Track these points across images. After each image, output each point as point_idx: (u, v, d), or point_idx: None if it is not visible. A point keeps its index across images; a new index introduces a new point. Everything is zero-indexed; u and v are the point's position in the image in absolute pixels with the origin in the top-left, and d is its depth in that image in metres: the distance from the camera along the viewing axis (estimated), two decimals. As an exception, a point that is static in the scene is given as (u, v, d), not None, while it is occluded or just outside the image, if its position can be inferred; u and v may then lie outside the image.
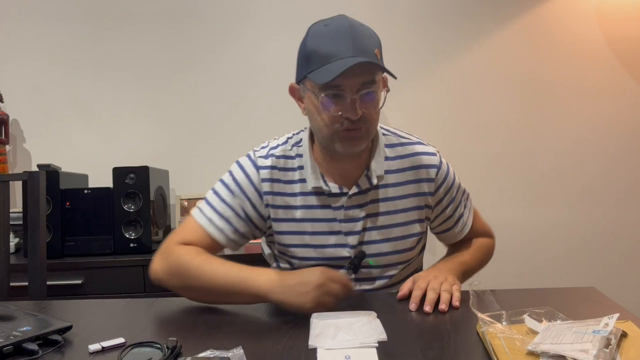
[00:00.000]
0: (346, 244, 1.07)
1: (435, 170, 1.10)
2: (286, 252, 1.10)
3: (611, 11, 2.26)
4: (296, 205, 1.07)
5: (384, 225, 1.08)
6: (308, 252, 1.07)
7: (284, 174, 1.08)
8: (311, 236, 1.07)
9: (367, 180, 1.06)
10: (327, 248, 1.07)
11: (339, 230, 1.06)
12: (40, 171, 1.33)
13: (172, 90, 2.30)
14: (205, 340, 0.82)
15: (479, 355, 0.73)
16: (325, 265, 1.01)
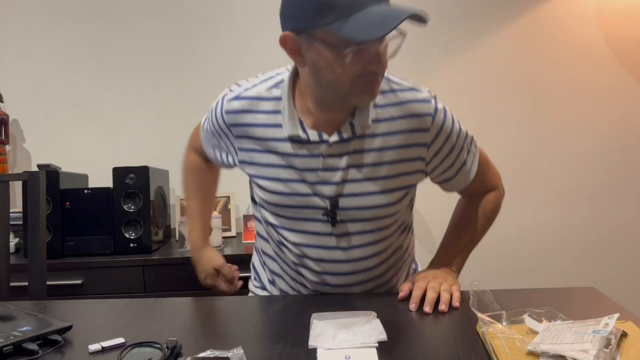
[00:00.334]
0: (322, 194, 0.99)
1: (430, 119, 0.98)
2: (262, 197, 1.05)
3: (611, 11, 2.26)
4: (270, 151, 1.01)
5: (367, 177, 0.99)
6: (283, 199, 1.01)
7: (255, 116, 1.01)
8: (285, 183, 1.00)
9: (350, 129, 0.97)
10: (302, 197, 1.00)
11: (315, 179, 0.99)
12: (40, 171, 1.33)
13: (172, 90, 2.30)
14: (205, 340, 0.82)
15: (479, 355, 0.73)
16: (301, 213, 1.01)
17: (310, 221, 1.02)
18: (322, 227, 1.02)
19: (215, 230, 1.92)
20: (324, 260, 1.04)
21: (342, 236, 1.03)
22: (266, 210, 1.06)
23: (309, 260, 1.05)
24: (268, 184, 1.02)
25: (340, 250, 1.03)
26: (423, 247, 2.29)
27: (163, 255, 1.82)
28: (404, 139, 0.99)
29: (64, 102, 2.30)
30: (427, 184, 1.14)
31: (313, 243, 1.03)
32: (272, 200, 1.03)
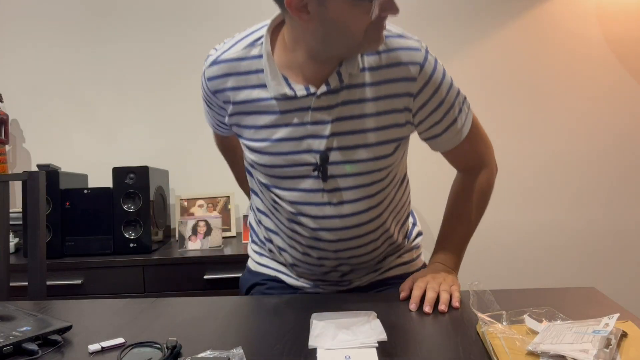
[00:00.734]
0: (312, 149, 0.98)
1: (418, 68, 0.94)
2: (253, 159, 1.04)
3: (611, 11, 2.26)
4: (257, 112, 0.99)
5: (357, 129, 0.96)
6: (273, 159, 1.00)
7: (237, 79, 0.99)
8: (274, 143, 0.99)
9: (337, 78, 0.94)
10: (292, 155, 0.99)
11: (304, 134, 0.97)
12: (40, 171, 1.33)
13: (172, 90, 2.30)
14: (205, 340, 0.82)
15: (479, 355, 0.73)
16: (291, 171, 1.00)
17: (301, 178, 1.01)
18: (313, 184, 1.00)
19: (215, 230, 1.92)
20: (317, 217, 1.02)
21: (333, 192, 1.00)
22: (257, 171, 1.05)
23: (303, 217, 1.03)
24: (257, 145, 1.01)
25: (331, 206, 1.01)
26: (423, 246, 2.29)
27: (163, 255, 1.83)
28: (391, 88, 0.96)
29: (64, 102, 2.30)
30: (427, 182, 1.13)
31: (305, 200, 1.02)
32: (263, 161, 1.01)
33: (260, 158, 1.01)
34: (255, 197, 1.15)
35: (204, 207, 2.17)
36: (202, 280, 1.79)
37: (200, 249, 1.91)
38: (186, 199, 2.18)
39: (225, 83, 1.00)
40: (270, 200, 1.07)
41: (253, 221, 1.23)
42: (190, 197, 2.19)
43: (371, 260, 1.11)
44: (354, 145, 0.97)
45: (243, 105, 1.00)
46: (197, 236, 1.92)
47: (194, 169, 2.31)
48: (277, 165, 1.01)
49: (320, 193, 1.01)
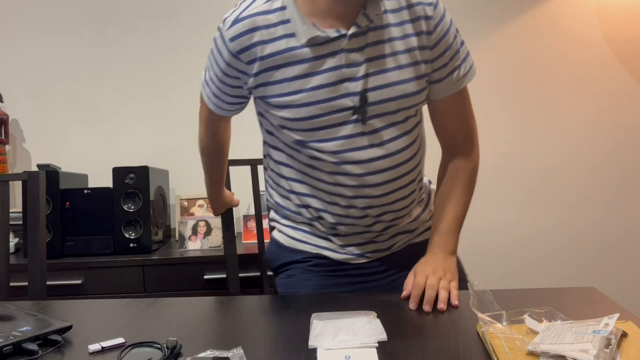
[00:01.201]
0: (349, 92, 0.99)
1: (432, 8, 1.01)
2: (287, 116, 1.01)
3: (611, 11, 2.26)
4: (287, 63, 0.98)
5: (390, 67, 0.99)
6: (310, 110, 0.99)
7: (264, 32, 0.98)
8: (310, 92, 0.98)
9: (365, 18, 0.96)
10: (329, 102, 0.99)
11: (339, 78, 0.98)
12: (40, 171, 1.33)
13: (172, 90, 2.30)
14: (205, 340, 0.82)
15: (479, 355, 0.73)
16: (330, 119, 0.99)
17: (340, 126, 1.00)
18: (353, 129, 1.01)
19: (215, 230, 1.92)
20: (363, 161, 1.02)
21: (375, 133, 1.02)
22: (291, 130, 1.03)
23: (348, 165, 1.02)
24: (290, 98, 1.00)
25: (375, 148, 1.02)
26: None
27: (163, 255, 1.83)
28: (412, 27, 1.00)
29: (64, 102, 2.30)
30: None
31: (348, 147, 1.01)
32: (298, 115, 1.00)
33: (296, 112, 1.00)
34: (284, 167, 1.12)
35: (204, 207, 2.17)
36: (202, 280, 1.79)
37: (200, 249, 1.91)
38: (186, 199, 2.18)
39: (252, 39, 0.99)
40: (307, 159, 1.05)
41: (278, 196, 1.18)
42: (190, 197, 2.19)
43: (408, 207, 1.11)
44: (389, 83, 1.00)
45: (272, 59, 0.99)
46: (197, 236, 1.92)
47: (194, 169, 2.31)
48: (315, 116, 1.00)
49: (362, 136, 1.01)
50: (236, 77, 1.05)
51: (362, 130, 1.01)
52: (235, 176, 2.26)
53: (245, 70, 1.02)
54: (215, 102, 1.14)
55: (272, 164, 1.16)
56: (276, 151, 1.12)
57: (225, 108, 1.14)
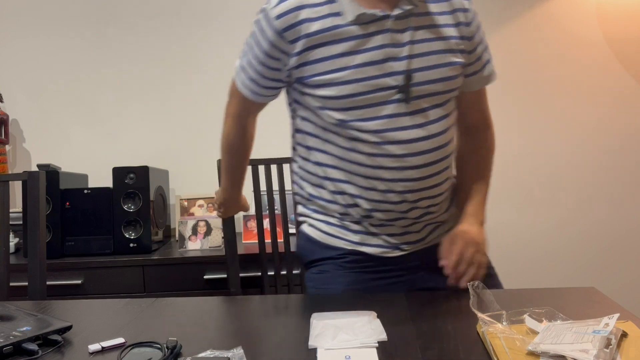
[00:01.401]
0: (393, 71, 1.01)
1: (469, 1, 1.08)
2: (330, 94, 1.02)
3: (611, 11, 2.26)
4: (333, 41, 1.01)
5: (432, 51, 1.03)
6: (355, 87, 1.00)
7: (310, 10, 1.01)
8: (354, 69, 1.00)
9: (408, 1, 1.01)
10: (373, 79, 1.00)
11: (384, 57, 1.01)
12: (40, 171, 1.33)
13: (172, 90, 2.30)
14: (205, 340, 0.82)
15: (479, 355, 0.73)
16: (373, 97, 1.00)
17: (383, 105, 1.02)
18: (395, 109, 1.02)
19: (215, 230, 1.92)
20: (405, 141, 1.03)
21: (417, 113, 1.03)
22: (333, 110, 1.04)
23: (390, 145, 1.03)
24: (334, 75, 1.01)
25: (418, 128, 1.04)
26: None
27: (163, 255, 1.83)
28: (452, 18, 1.06)
29: (64, 102, 2.30)
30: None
31: (391, 126, 1.02)
32: (342, 92, 1.01)
33: (340, 90, 1.01)
34: (319, 153, 1.11)
35: (204, 207, 2.17)
36: (202, 280, 1.79)
37: (200, 249, 1.91)
38: (186, 199, 2.18)
39: (298, 16, 1.01)
40: (347, 142, 1.05)
41: (310, 186, 1.17)
42: (190, 197, 2.19)
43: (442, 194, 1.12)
44: (432, 65, 1.03)
45: (317, 37, 1.01)
46: (197, 236, 1.92)
47: (194, 169, 2.31)
48: (358, 94, 1.01)
49: (405, 116, 1.03)
50: (277, 58, 1.05)
51: (405, 110, 1.02)
52: (235, 176, 2.26)
53: (287, 50, 1.03)
54: (251, 88, 1.13)
55: (304, 153, 1.15)
56: (312, 138, 1.11)
57: (261, 93, 1.13)
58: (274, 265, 1.64)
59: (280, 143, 2.30)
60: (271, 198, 1.66)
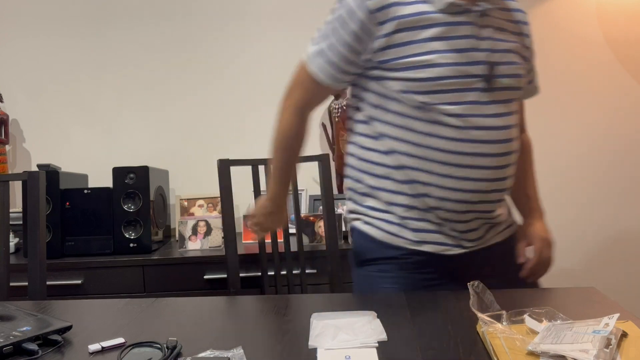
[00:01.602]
0: (479, 60, 1.05)
1: (526, 15, 1.17)
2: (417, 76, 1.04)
3: (611, 11, 2.26)
4: (422, 25, 1.04)
5: (510, 49, 1.09)
6: (443, 71, 1.03)
7: None
8: (442, 54, 1.04)
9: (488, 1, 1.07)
10: (460, 66, 1.04)
11: (469, 47, 1.05)
12: (40, 171, 1.33)
13: (172, 90, 2.30)
14: (205, 340, 0.82)
15: (479, 355, 0.73)
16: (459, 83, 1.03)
17: (466, 91, 1.04)
18: (478, 96, 1.05)
19: (215, 230, 1.92)
20: (485, 128, 1.06)
21: (496, 103, 1.07)
22: (417, 93, 1.05)
23: (472, 130, 1.05)
24: (423, 58, 1.03)
25: (497, 118, 1.07)
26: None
27: (163, 255, 1.83)
28: (521, 28, 1.15)
29: (64, 102, 2.30)
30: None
31: (474, 112, 1.05)
32: (430, 74, 1.03)
33: (428, 72, 1.03)
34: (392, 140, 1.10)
35: (204, 207, 2.17)
36: (202, 280, 1.79)
37: (200, 249, 1.91)
38: (186, 199, 2.18)
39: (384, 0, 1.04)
40: (427, 126, 1.06)
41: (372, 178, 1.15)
42: (190, 197, 2.19)
43: (508, 189, 1.15)
44: (508, 62, 1.08)
45: (407, 20, 1.03)
46: (197, 236, 1.92)
47: (194, 169, 2.31)
48: (445, 77, 1.03)
49: (486, 105, 1.06)
50: (363, 40, 1.06)
51: (486, 99, 1.06)
52: (235, 176, 2.26)
53: (374, 32, 1.05)
54: (330, 72, 1.12)
55: (368, 143, 1.14)
56: (384, 125, 1.10)
57: (339, 78, 1.12)
58: (274, 265, 1.64)
59: (280, 143, 2.30)
60: (271, 198, 1.65)
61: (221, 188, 1.58)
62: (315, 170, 2.28)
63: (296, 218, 1.68)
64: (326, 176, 1.67)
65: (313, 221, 1.92)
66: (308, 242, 1.91)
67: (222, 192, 1.58)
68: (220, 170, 1.59)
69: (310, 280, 1.79)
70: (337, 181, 2.20)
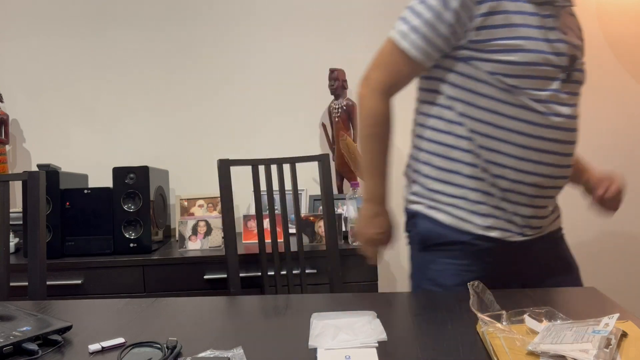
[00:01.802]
0: (562, 52, 1.09)
1: None
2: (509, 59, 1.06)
3: (611, 11, 2.26)
4: (515, 11, 1.07)
5: (578, 45, 1.14)
6: (532, 57, 1.06)
7: None
8: (533, 41, 1.07)
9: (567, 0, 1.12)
10: (547, 54, 1.07)
11: (555, 38, 1.09)
12: (40, 171, 1.33)
13: (172, 91, 2.30)
14: (205, 340, 0.82)
15: (479, 355, 0.73)
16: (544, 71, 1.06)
17: (550, 80, 1.09)
18: (558, 86, 1.10)
19: (215, 230, 1.92)
20: (563, 115, 1.10)
21: (571, 94, 1.12)
22: (508, 76, 1.07)
23: (553, 117, 1.09)
24: (516, 42, 1.06)
25: (571, 107, 1.12)
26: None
27: (163, 255, 1.83)
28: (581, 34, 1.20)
29: (64, 102, 2.30)
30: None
31: (556, 100, 1.09)
32: (524, 58, 1.06)
33: (520, 56, 1.06)
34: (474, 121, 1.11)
35: (204, 207, 2.17)
36: (202, 280, 1.79)
37: (200, 249, 1.91)
38: (186, 199, 2.18)
39: None
40: (513, 110, 1.08)
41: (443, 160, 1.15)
42: (190, 197, 2.19)
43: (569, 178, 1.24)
44: (580, 58, 1.14)
45: (502, 3, 1.07)
46: (197, 236, 1.92)
47: (194, 169, 2.31)
48: (535, 63, 1.07)
49: (564, 94, 1.11)
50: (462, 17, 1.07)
51: (564, 90, 1.11)
52: (235, 176, 2.27)
53: (472, 11, 1.07)
54: (424, 49, 1.11)
55: (443, 126, 1.14)
56: (466, 106, 1.11)
57: (432, 55, 1.12)
58: (274, 265, 1.64)
59: (281, 143, 2.30)
60: (271, 198, 1.66)
61: (221, 188, 1.58)
62: (315, 170, 2.28)
63: (296, 218, 1.68)
64: (326, 176, 1.67)
65: (313, 221, 1.92)
66: (308, 242, 1.91)
67: (222, 192, 1.58)
68: (220, 170, 1.59)
69: (310, 280, 1.79)
70: (337, 181, 2.20)
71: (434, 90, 1.17)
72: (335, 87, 2.13)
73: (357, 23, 2.24)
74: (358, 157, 2.06)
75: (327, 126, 2.26)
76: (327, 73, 2.26)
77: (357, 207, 1.84)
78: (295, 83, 2.26)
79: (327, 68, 2.26)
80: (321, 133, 2.29)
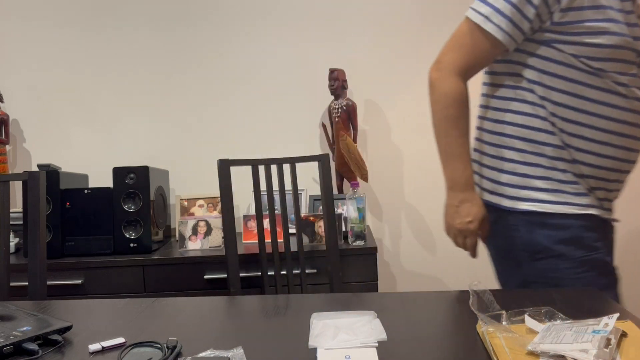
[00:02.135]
0: (636, 36, 1.07)
1: None
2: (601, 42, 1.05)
3: (611, 11, 2.25)
4: None
5: None
6: (618, 40, 1.05)
7: None
8: (620, 25, 1.05)
9: None
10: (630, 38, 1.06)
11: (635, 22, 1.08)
12: (40, 171, 1.33)
13: (172, 91, 2.30)
14: (205, 340, 0.82)
15: (479, 355, 0.73)
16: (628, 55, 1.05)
17: (631, 64, 1.08)
18: (636, 70, 1.09)
19: (215, 230, 1.92)
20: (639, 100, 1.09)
21: None
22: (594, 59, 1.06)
23: (635, 101, 1.09)
24: (607, 25, 1.05)
25: None
26: (425, 248, 2.29)
27: (163, 255, 1.83)
28: None
29: (64, 102, 2.30)
30: (429, 181, 1.12)
31: (636, 85, 1.09)
32: (610, 41, 1.05)
33: (608, 39, 1.05)
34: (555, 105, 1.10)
35: (204, 207, 2.17)
36: (202, 280, 1.79)
37: (200, 249, 1.91)
38: (186, 199, 2.18)
39: None
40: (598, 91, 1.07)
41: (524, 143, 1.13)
42: (190, 197, 2.19)
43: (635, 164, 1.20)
44: None
45: None
46: (197, 236, 1.92)
47: (194, 169, 2.31)
48: (621, 47, 1.05)
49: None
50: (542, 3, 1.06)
51: None
52: (235, 176, 2.27)
53: None
54: (509, 30, 1.09)
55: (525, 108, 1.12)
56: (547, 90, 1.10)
57: (516, 38, 1.10)
58: (274, 265, 1.64)
59: (281, 143, 2.30)
60: (271, 198, 1.66)
61: (221, 188, 1.58)
62: (315, 170, 2.28)
63: (296, 218, 1.68)
64: (326, 176, 1.67)
65: (313, 221, 1.92)
66: (308, 242, 1.91)
67: (222, 192, 1.58)
68: (220, 170, 1.59)
69: (310, 280, 1.79)
70: (337, 181, 2.20)
71: (514, 73, 1.14)
72: (335, 87, 2.13)
73: (357, 23, 2.24)
74: (358, 157, 2.06)
75: (327, 126, 2.26)
76: (327, 73, 2.26)
77: (357, 207, 1.84)
78: (295, 83, 2.26)
79: (327, 68, 2.26)
80: (321, 133, 2.29)
